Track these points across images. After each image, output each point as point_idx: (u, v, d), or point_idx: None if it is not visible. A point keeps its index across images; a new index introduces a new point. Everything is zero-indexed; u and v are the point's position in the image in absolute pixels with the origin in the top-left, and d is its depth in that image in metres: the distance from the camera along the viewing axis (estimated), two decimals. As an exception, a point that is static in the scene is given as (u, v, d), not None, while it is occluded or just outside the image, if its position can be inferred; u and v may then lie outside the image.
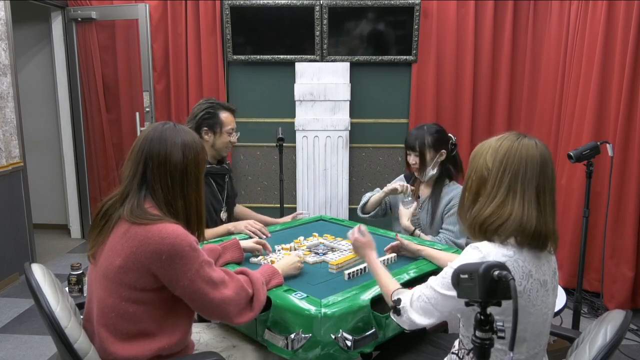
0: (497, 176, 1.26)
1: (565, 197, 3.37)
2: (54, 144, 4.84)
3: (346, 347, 1.44)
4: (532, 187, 1.24)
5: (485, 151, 1.31)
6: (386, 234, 2.28)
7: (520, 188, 1.24)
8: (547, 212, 1.25)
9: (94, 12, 4.25)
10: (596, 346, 1.19)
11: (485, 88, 4.11)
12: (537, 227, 1.22)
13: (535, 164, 1.25)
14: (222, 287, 1.36)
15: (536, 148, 1.27)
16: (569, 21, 3.50)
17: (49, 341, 2.63)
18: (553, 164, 1.29)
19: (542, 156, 1.26)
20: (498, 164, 1.27)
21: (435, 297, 1.27)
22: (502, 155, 1.27)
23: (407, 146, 2.39)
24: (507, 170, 1.25)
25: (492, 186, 1.27)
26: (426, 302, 1.30)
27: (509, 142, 1.28)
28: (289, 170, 4.25)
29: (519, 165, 1.25)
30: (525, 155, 1.25)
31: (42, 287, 1.32)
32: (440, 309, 1.28)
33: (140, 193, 1.35)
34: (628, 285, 3.01)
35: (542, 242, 1.24)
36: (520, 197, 1.24)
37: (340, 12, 4.02)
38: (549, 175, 1.26)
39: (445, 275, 1.25)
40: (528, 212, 1.23)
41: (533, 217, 1.23)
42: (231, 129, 2.34)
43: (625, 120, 2.99)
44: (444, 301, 1.26)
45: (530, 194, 1.24)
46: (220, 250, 1.80)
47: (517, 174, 1.24)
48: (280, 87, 4.22)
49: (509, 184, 1.25)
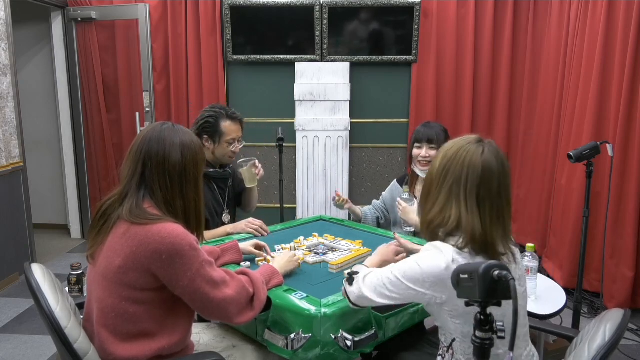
0: (440, 179, 1.30)
1: (565, 197, 3.37)
2: (54, 144, 4.84)
3: (346, 347, 1.44)
4: (472, 195, 1.25)
5: (439, 153, 1.34)
6: (386, 234, 2.28)
7: (462, 194, 1.26)
8: (488, 222, 1.25)
9: (94, 12, 4.25)
10: (595, 346, 1.19)
11: (485, 88, 4.11)
12: (482, 236, 1.23)
13: (476, 173, 1.25)
14: (223, 287, 1.36)
15: (481, 157, 1.26)
16: (569, 21, 3.50)
17: (49, 341, 2.63)
18: (504, 177, 1.28)
19: (486, 166, 1.25)
20: (441, 168, 1.30)
21: (396, 283, 1.28)
22: (447, 161, 1.29)
23: (422, 139, 2.41)
24: (449, 175, 1.28)
25: (436, 188, 1.31)
26: (382, 284, 1.31)
27: (457, 148, 1.30)
28: (289, 170, 4.25)
29: (460, 172, 1.26)
30: (468, 163, 1.26)
31: (42, 287, 1.32)
32: (395, 295, 1.30)
33: (139, 193, 1.35)
34: (628, 285, 3.01)
35: (492, 252, 1.24)
36: (460, 203, 1.26)
37: (340, 12, 4.02)
38: (492, 186, 1.25)
39: (410, 270, 1.26)
40: (468, 218, 1.24)
41: (475, 224, 1.23)
42: (232, 139, 2.28)
43: (625, 120, 2.99)
44: (404, 290, 1.27)
45: (471, 202, 1.25)
46: (219, 252, 1.80)
47: (459, 181, 1.26)
48: (280, 87, 4.22)
49: (450, 188, 1.27)
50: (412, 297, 1.28)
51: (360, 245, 2.06)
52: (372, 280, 1.34)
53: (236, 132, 2.30)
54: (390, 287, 1.30)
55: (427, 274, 1.24)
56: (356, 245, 2.06)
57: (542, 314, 2.05)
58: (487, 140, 1.32)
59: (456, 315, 1.27)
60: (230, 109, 2.35)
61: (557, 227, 3.50)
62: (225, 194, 2.42)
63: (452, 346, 1.34)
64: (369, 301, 1.34)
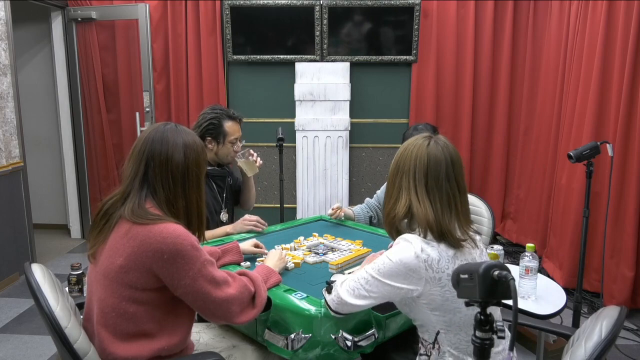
0: (393, 174, 1.39)
1: (565, 197, 3.37)
2: (54, 144, 4.84)
3: (346, 347, 1.44)
4: (422, 184, 1.33)
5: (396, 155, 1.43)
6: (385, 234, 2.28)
7: (412, 185, 1.34)
8: (439, 210, 1.31)
9: (94, 12, 4.25)
10: (592, 343, 1.19)
11: (485, 88, 4.11)
12: (436, 224, 1.30)
13: (422, 163, 1.34)
14: (224, 286, 1.36)
15: (426, 149, 1.34)
16: (569, 21, 3.50)
17: (49, 341, 2.63)
18: (453, 167, 1.34)
19: (432, 157, 1.33)
20: (394, 164, 1.40)
21: (371, 282, 1.32)
22: (399, 157, 1.39)
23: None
24: (400, 169, 1.37)
25: (391, 183, 1.40)
26: (359, 286, 1.34)
27: (407, 145, 1.40)
28: (289, 170, 4.25)
29: (409, 164, 1.35)
30: (415, 155, 1.35)
31: (42, 287, 1.32)
32: (373, 294, 1.33)
33: (142, 193, 1.35)
34: (628, 285, 3.01)
35: (451, 239, 1.30)
36: (410, 193, 1.34)
37: (340, 12, 4.02)
38: (440, 175, 1.32)
39: (383, 265, 1.30)
40: (420, 207, 1.31)
41: (428, 212, 1.30)
42: (235, 139, 2.35)
43: (625, 120, 2.99)
44: (380, 287, 1.31)
45: (421, 191, 1.33)
46: (220, 253, 1.80)
47: (408, 173, 1.35)
48: (280, 87, 4.22)
49: (400, 182, 1.36)
50: (389, 293, 1.31)
51: (360, 245, 2.06)
52: (349, 284, 1.36)
53: (237, 132, 2.37)
54: (367, 287, 1.33)
55: (399, 266, 1.27)
56: (356, 245, 2.06)
57: (542, 314, 2.05)
58: (437, 136, 1.40)
59: (435, 307, 1.30)
60: (229, 109, 2.41)
61: (557, 227, 3.50)
62: (223, 192, 2.43)
63: (437, 340, 1.35)
64: (350, 306, 1.36)
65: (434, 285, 1.27)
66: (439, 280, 1.27)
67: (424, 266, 1.26)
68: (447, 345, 1.33)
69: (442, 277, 1.27)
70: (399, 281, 1.28)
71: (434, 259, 1.27)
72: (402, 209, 1.34)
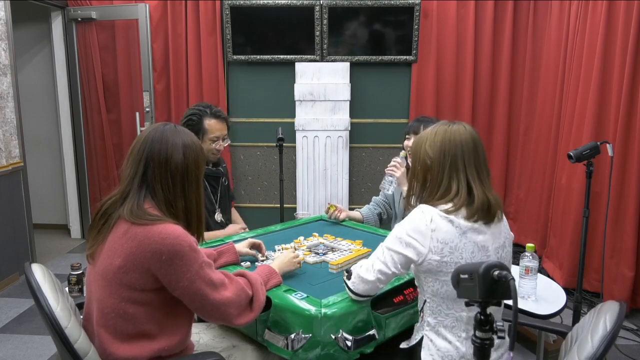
0: (440, 161, 1.40)
1: (565, 197, 3.37)
2: (54, 144, 4.84)
3: (346, 347, 1.44)
4: (471, 165, 1.39)
5: (423, 142, 1.46)
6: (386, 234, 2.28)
7: (462, 168, 1.39)
8: (488, 184, 1.41)
9: (94, 12, 4.25)
10: (598, 337, 1.22)
11: (485, 88, 4.11)
12: (485, 200, 1.37)
13: (469, 145, 1.40)
14: (221, 289, 1.36)
15: (465, 131, 1.42)
16: (569, 21, 3.49)
17: (49, 341, 2.63)
18: (482, 143, 1.45)
19: (473, 137, 1.42)
20: (438, 150, 1.41)
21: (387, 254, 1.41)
22: (440, 143, 1.41)
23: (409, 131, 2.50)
24: (447, 154, 1.40)
25: (437, 171, 1.41)
26: (375, 259, 1.44)
27: (442, 130, 1.43)
28: (289, 170, 4.25)
29: (455, 148, 1.39)
30: (459, 139, 1.40)
31: (42, 287, 1.32)
32: (392, 269, 1.40)
33: (141, 193, 1.35)
34: (628, 285, 3.01)
35: (491, 213, 1.38)
36: (463, 176, 1.39)
37: (340, 12, 4.02)
38: (480, 152, 1.42)
39: (395, 233, 1.41)
40: (474, 187, 1.37)
41: (480, 191, 1.37)
42: (216, 137, 2.29)
43: (625, 120, 2.99)
44: (395, 259, 1.39)
45: (471, 172, 1.39)
46: (216, 254, 1.80)
47: (455, 156, 1.39)
48: (280, 87, 4.22)
49: (450, 166, 1.39)
50: (400, 260, 1.39)
51: (360, 245, 2.06)
52: (367, 264, 1.46)
53: (220, 130, 2.31)
54: (382, 258, 1.42)
55: (409, 230, 1.37)
56: (356, 245, 2.06)
57: (542, 314, 2.05)
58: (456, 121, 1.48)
59: (427, 273, 1.38)
60: (215, 107, 2.36)
61: (557, 227, 3.50)
62: (217, 193, 2.43)
63: (422, 309, 1.44)
64: (372, 284, 1.44)
65: (435, 254, 1.34)
66: (440, 251, 1.34)
67: (430, 235, 1.34)
68: (428, 315, 1.41)
69: (444, 248, 1.34)
70: (407, 249, 1.36)
71: (441, 229, 1.34)
72: (456, 195, 1.37)
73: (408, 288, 1.65)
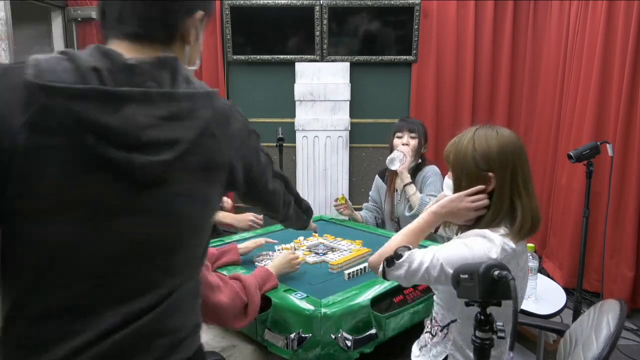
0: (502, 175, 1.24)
1: (565, 197, 3.37)
2: (54, 144, 4.83)
3: (346, 347, 1.44)
4: (525, 176, 1.26)
5: (470, 153, 1.26)
6: (385, 234, 2.29)
7: (521, 180, 1.25)
8: (534, 194, 1.27)
9: (94, 12, 4.25)
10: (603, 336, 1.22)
11: (485, 88, 4.11)
12: (538, 214, 1.26)
13: (522, 151, 1.26)
14: (217, 292, 1.36)
15: (516, 138, 1.27)
16: (569, 21, 3.49)
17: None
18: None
19: (521, 144, 1.27)
20: (498, 163, 1.24)
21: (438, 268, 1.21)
22: (497, 153, 1.24)
23: (402, 129, 2.58)
24: (508, 166, 1.24)
25: (500, 186, 1.24)
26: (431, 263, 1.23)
27: (497, 140, 1.25)
28: (289, 170, 4.25)
29: (514, 158, 1.24)
30: (515, 147, 1.25)
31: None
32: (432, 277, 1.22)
33: None
34: (628, 285, 3.01)
35: (536, 227, 1.26)
36: (524, 190, 1.25)
37: (340, 12, 4.02)
38: (525, 162, 1.28)
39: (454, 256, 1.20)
40: (531, 201, 1.25)
41: (534, 205, 1.25)
42: None
43: (625, 120, 2.99)
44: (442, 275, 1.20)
45: (527, 183, 1.26)
46: (217, 254, 1.80)
47: (515, 168, 1.24)
48: (280, 87, 4.22)
49: (512, 179, 1.24)
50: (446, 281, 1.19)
51: (360, 245, 2.06)
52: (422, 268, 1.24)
53: None
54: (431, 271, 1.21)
55: (475, 259, 1.17)
56: (356, 245, 2.06)
57: (542, 314, 2.05)
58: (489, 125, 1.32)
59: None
60: None
61: (557, 227, 3.49)
62: None
63: (449, 327, 1.33)
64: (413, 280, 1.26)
65: None
66: None
67: None
68: (456, 335, 1.32)
69: None
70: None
71: (506, 260, 1.19)
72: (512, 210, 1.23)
73: (408, 288, 1.65)
